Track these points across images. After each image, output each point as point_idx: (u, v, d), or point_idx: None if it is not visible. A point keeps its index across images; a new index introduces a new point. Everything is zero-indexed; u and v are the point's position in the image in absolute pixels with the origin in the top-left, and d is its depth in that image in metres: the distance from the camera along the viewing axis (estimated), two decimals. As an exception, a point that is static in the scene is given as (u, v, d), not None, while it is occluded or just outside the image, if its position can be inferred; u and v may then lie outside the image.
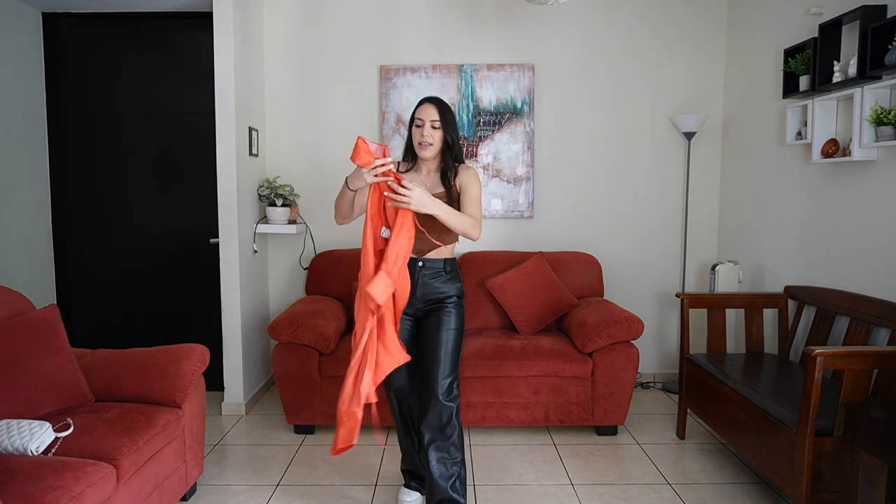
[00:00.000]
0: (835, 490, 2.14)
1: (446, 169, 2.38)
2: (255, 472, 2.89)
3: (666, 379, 4.14)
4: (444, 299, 2.39)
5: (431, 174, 2.43)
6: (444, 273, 2.40)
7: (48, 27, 3.79)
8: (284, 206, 3.80)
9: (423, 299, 2.39)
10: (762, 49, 3.59)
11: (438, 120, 2.32)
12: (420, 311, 2.41)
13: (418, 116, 2.34)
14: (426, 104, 2.35)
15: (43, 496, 1.69)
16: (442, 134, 2.33)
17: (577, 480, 2.79)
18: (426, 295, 2.38)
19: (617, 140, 4.07)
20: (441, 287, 2.39)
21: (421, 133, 2.33)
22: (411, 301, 2.35)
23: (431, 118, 2.32)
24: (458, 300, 2.42)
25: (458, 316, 2.40)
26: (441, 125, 2.32)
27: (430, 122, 2.32)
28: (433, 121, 2.32)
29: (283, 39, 4.01)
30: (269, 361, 3.98)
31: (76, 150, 3.88)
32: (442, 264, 2.40)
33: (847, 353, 2.18)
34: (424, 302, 2.39)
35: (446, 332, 2.35)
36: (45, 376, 2.28)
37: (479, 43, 4.02)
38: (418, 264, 2.37)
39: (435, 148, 2.34)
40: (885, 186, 2.66)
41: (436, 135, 2.33)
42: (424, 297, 2.38)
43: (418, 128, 2.34)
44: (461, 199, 2.36)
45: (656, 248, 4.13)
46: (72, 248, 3.92)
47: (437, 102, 2.35)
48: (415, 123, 2.35)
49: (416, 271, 2.36)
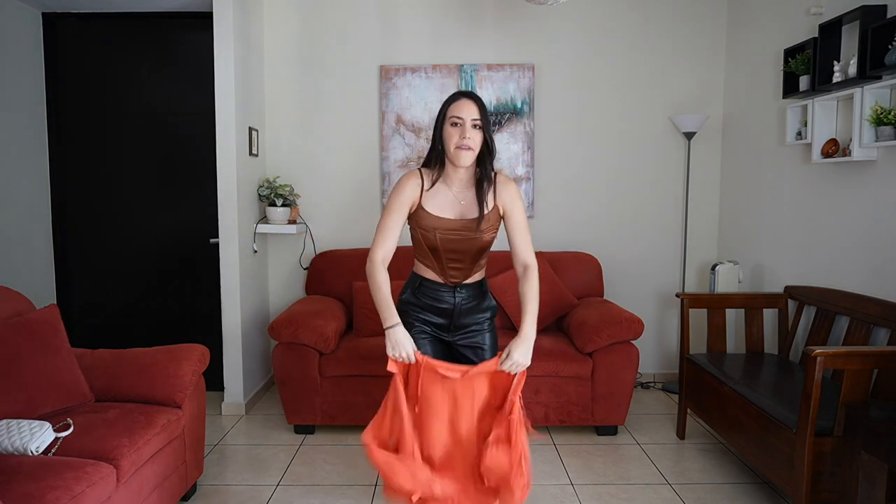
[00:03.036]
0: (835, 490, 2.14)
1: (483, 180, 1.98)
2: (255, 472, 2.89)
3: (666, 379, 4.14)
4: (481, 321, 2.11)
5: (465, 187, 2.01)
6: (480, 295, 2.10)
7: (48, 27, 3.79)
8: (284, 206, 3.80)
9: (459, 328, 2.09)
10: (762, 49, 3.59)
11: (480, 119, 1.92)
12: (454, 336, 2.12)
13: (456, 114, 1.92)
14: (464, 99, 1.93)
15: (43, 496, 1.69)
16: (482, 136, 1.94)
17: (577, 480, 2.79)
18: (463, 325, 2.08)
19: (617, 140, 4.07)
20: (477, 310, 2.09)
21: (462, 134, 1.90)
22: (442, 330, 2.09)
23: (472, 116, 1.91)
24: (490, 320, 2.15)
25: (492, 336, 2.14)
26: (482, 125, 1.93)
27: (471, 120, 1.91)
28: (474, 119, 1.91)
29: (283, 39, 4.01)
30: (269, 361, 3.98)
31: (76, 151, 3.88)
32: (479, 285, 2.11)
33: (847, 353, 2.18)
34: (459, 329, 2.10)
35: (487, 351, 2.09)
36: (45, 376, 2.28)
37: (479, 43, 4.02)
38: (455, 289, 2.05)
39: (475, 153, 1.94)
40: (885, 186, 2.66)
41: (477, 137, 1.92)
42: (460, 327, 2.09)
43: (456, 127, 1.92)
44: (508, 223, 2.03)
45: (656, 248, 4.13)
46: (72, 248, 3.92)
47: (476, 98, 1.95)
48: (450, 122, 1.93)
49: (454, 296, 2.05)
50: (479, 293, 2.12)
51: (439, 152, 1.99)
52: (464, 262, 2.02)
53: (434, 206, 1.99)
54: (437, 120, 1.99)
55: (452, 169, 1.99)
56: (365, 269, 2.04)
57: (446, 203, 2.00)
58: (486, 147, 1.97)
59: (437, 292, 2.06)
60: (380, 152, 4.04)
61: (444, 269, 2.04)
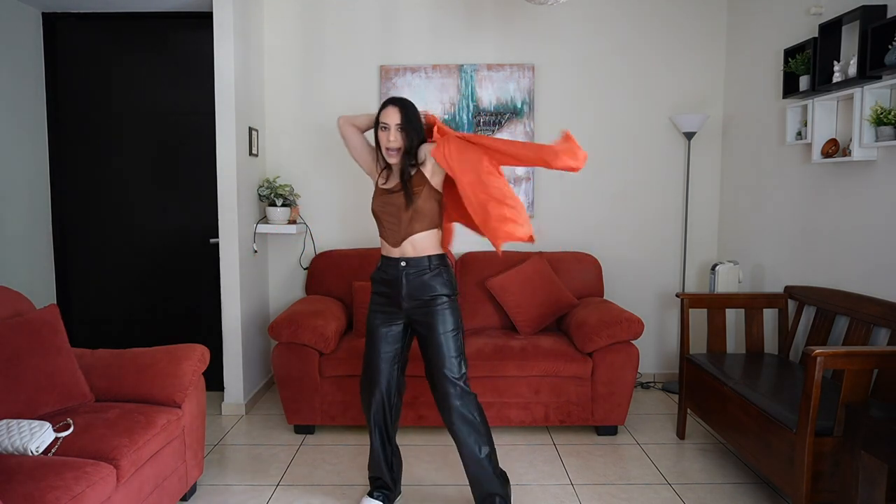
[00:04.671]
0: (835, 490, 2.14)
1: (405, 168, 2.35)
2: (255, 472, 2.89)
3: (666, 379, 4.14)
4: (434, 299, 2.35)
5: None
6: (428, 270, 2.36)
7: (48, 27, 3.79)
8: (284, 206, 3.80)
9: (409, 297, 2.36)
10: (762, 49, 3.59)
11: (401, 122, 2.30)
12: (410, 312, 2.38)
13: (383, 121, 2.32)
14: (389, 107, 2.32)
15: (43, 496, 1.69)
16: (403, 139, 2.31)
17: (577, 480, 2.79)
18: (412, 293, 2.35)
19: (617, 140, 4.07)
20: (429, 283, 2.35)
21: (387, 137, 2.31)
22: (398, 303, 2.37)
23: (396, 122, 2.30)
24: (449, 299, 2.37)
25: (452, 314, 2.36)
26: (405, 127, 2.30)
27: (395, 125, 2.30)
28: (398, 124, 2.30)
29: (283, 39, 4.01)
30: (269, 361, 3.98)
31: (76, 150, 3.88)
32: (427, 262, 2.36)
33: (847, 353, 2.18)
34: (412, 301, 2.36)
35: (443, 335, 2.33)
36: (45, 376, 2.28)
37: (479, 43, 4.02)
38: (401, 264, 2.36)
39: (401, 152, 2.33)
40: (885, 186, 2.66)
41: (401, 138, 2.31)
42: (411, 295, 2.35)
43: (384, 131, 2.32)
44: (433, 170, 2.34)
45: (656, 248, 4.13)
46: (72, 248, 3.92)
47: (400, 103, 2.33)
48: (380, 126, 2.33)
49: (399, 271, 2.36)
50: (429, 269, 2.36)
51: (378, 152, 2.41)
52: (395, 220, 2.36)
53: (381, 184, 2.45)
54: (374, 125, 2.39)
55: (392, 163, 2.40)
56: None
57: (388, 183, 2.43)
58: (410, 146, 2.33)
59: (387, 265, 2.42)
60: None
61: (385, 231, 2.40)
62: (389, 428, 2.49)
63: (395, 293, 2.37)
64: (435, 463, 2.95)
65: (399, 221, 2.34)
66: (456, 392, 2.31)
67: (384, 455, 2.50)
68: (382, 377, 2.42)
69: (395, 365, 2.44)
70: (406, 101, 2.35)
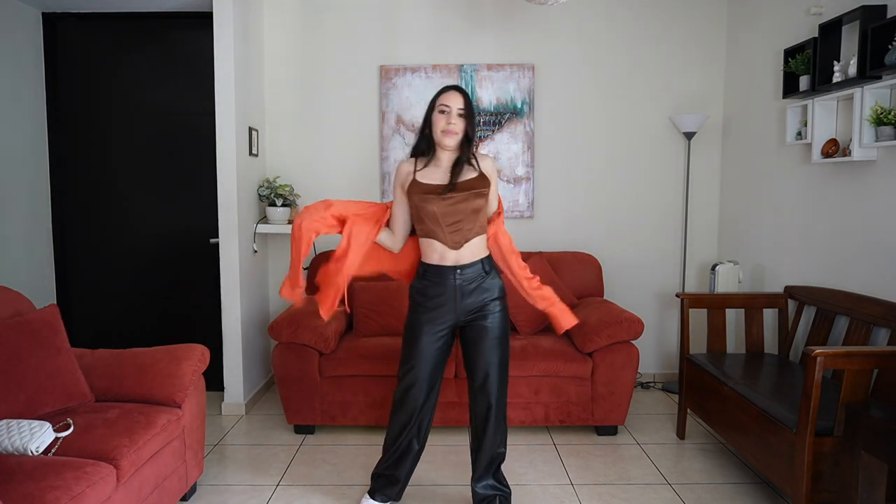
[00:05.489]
0: (835, 490, 2.14)
1: (461, 158, 2.26)
2: (255, 472, 2.89)
3: (666, 379, 4.14)
4: (489, 303, 2.28)
5: (450, 166, 2.29)
6: (484, 274, 2.28)
7: (48, 27, 3.79)
8: (284, 206, 3.80)
9: (465, 311, 2.28)
10: (762, 49, 3.59)
11: (464, 109, 2.23)
12: (462, 317, 2.30)
13: (444, 103, 2.22)
14: (452, 91, 2.25)
15: (43, 496, 1.69)
16: (465, 125, 2.24)
17: (577, 480, 2.79)
18: (468, 306, 2.27)
19: (617, 140, 4.07)
20: (484, 290, 2.27)
21: (447, 120, 2.21)
22: (449, 316, 2.28)
23: (458, 106, 2.22)
24: (500, 300, 2.31)
25: (503, 318, 2.31)
26: (466, 115, 2.23)
27: (457, 109, 2.22)
28: (460, 109, 2.22)
29: (283, 39, 4.01)
30: (269, 361, 3.98)
31: (76, 150, 3.87)
32: (480, 266, 2.28)
33: (847, 353, 2.18)
34: (467, 313, 2.29)
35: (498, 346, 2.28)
36: (45, 376, 2.28)
37: (479, 43, 4.02)
38: (456, 272, 2.25)
39: (459, 138, 2.24)
40: (885, 186, 2.66)
41: (460, 124, 2.23)
42: (466, 308, 2.27)
43: (443, 114, 2.22)
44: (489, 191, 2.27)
45: (656, 248, 4.13)
46: (72, 248, 3.92)
47: (463, 91, 2.26)
48: (439, 109, 2.23)
49: (453, 279, 2.25)
50: (484, 272, 2.29)
51: (427, 136, 2.29)
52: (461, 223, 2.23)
53: (424, 178, 2.28)
54: (427, 109, 2.29)
55: (440, 151, 2.29)
56: None
57: (436, 177, 2.28)
58: (467, 135, 2.26)
59: (439, 275, 2.28)
60: (380, 152, 4.04)
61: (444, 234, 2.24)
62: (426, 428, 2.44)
63: (449, 301, 2.26)
64: (435, 463, 2.95)
65: (461, 223, 2.23)
66: (492, 419, 2.33)
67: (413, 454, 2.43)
68: (431, 382, 2.35)
69: (440, 371, 2.38)
70: (467, 92, 2.28)
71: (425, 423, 2.42)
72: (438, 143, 2.26)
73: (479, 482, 2.42)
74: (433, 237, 2.26)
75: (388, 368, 3.16)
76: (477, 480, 2.43)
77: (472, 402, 2.39)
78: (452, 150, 2.27)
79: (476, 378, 2.34)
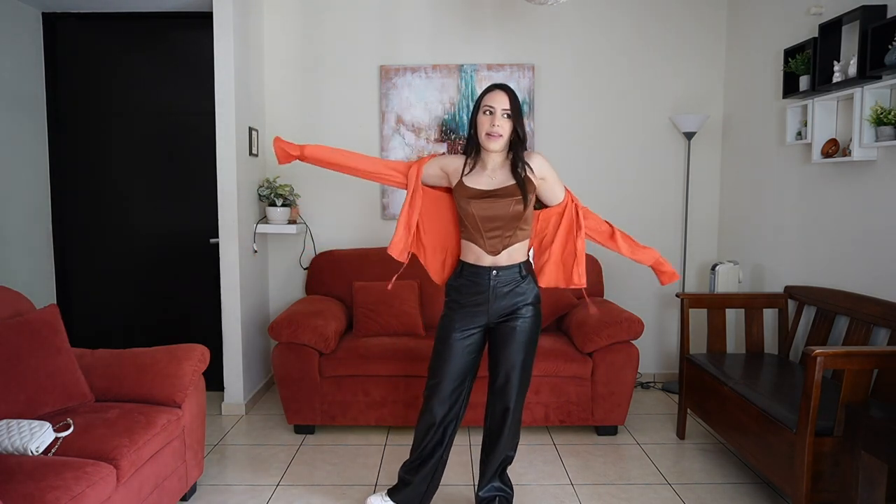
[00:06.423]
0: (835, 490, 2.14)
1: (516, 162, 2.18)
2: (255, 472, 2.89)
3: (666, 379, 4.14)
4: (522, 307, 2.24)
5: (497, 171, 2.22)
6: (519, 279, 2.24)
7: (48, 27, 3.79)
8: (284, 206, 3.80)
9: (497, 313, 2.25)
10: (762, 49, 3.59)
11: (510, 109, 2.14)
12: (494, 320, 2.27)
13: (488, 104, 2.14)
14: (497, 91, 2.16)
15: (43, 496, 1.69)
16: (512, 125, 2.15)
17: (577, 480, 2.79)
18: (501, 308, 2.24)
19: (617, 140, 4.07)
20: (518, 294, 2.23)
21: (492, 122, 2.13)
22: (481, 317, 2.25)
23: (503, 106, 2.13)
24: (534, 306, 2.27)
25: (533, 323, 2.26)
26: (512, 115, 2.14)
27: (501, 110, 2.13)
28: (504, 109, 2.13)
29: (283, 39, 4.01)
30: (269, 361, 3.98)
31: (76, 151, 3.87)
32: (518, 269, 2.23)
33: (847, 353, 2.18)
34: (499, 316, 2.26)
35: (523, 349, 2.24)
36: (45, 376, 2.28)
37: (479, 43, 4.02)
38: (492, 273, 2.21)
39: (504, 140, 2.16)
40: (885, 186, 2.66)
41: (506, 125, 2.14)
42: (499, 311, 2.24)
43: (487, 115, 2.14)
44: (543, 188, 2.24)
45: (656, 248, 4.10)
46: (72, 248, 3.92)
47: (508, 90, 2.17)
48: (483, 110, 2.15)
49: (489, 280, 2.21)
50: (520, 276, 2.24)
51: (473, 138, 2.21)
52: (501, 230, 2.18)
53: (470, 181, 2.23)
54: (473, 110, 2.22)
55: (485, 154, 2.21)
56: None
57: (481, 181, 2.22)
58: (517, 135, 2.17)
59: (475, 275, 2.24)
60: (380, 152, 4.04)
61: (483, 239, 2.20)
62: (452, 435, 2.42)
63: (483, 302, 2.23)
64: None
65: (500, 230, 2.18)
66: (508, 422, 2.32)
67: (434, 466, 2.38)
68: (455, 397, 2.31)
69: (470, 373, 2.35)
70: (513, 91, 2.19)
71: (449, 432, 2.37)
72: (483, 146, 2.19)
73: (484, 487, 2.42)
74: (472, 241, 2.24)
75: (389, 368, 3.16)
76: (483, 485, 2.42)
77: (489, 403, 2.36)
78: (499, 153, 2.20)
79: (497, 379, 2.31)
